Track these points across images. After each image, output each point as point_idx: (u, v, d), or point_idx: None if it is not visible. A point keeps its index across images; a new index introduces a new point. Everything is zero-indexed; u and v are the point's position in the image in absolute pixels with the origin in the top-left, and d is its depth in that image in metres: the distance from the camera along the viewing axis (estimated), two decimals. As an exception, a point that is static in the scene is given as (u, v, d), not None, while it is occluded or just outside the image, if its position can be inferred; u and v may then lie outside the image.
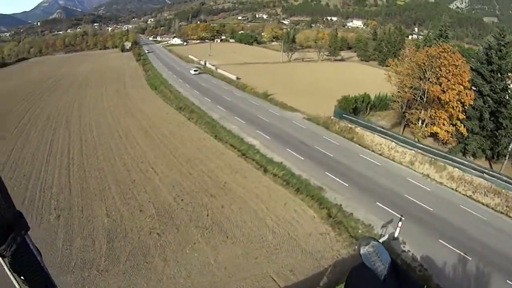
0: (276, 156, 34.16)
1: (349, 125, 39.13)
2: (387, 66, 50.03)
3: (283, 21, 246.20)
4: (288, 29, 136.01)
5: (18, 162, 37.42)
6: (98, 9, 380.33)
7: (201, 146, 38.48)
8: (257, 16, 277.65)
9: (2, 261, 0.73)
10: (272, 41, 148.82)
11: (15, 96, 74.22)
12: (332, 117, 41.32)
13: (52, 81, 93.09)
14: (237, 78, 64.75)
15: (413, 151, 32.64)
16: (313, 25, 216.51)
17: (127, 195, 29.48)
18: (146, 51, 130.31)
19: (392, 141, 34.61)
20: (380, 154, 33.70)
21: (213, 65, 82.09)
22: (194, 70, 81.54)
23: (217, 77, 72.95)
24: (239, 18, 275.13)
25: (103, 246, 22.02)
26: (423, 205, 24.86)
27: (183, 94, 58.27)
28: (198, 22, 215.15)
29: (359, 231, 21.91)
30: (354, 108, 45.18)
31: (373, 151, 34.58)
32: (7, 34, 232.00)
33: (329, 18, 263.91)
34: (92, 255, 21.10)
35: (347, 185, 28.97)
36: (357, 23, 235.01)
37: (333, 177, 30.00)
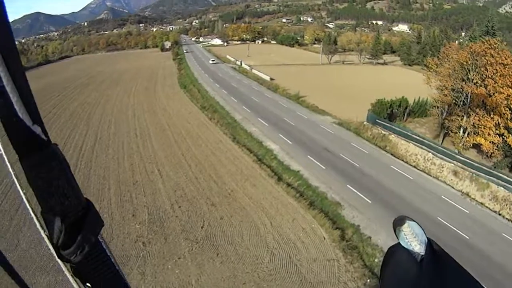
0: (295, 163, 31.81)
1: (383, 132, 36.47)
2: (426, 66, 46.26)
3: (327, 24, 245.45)
4: (332, 32, 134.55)
5: None
6: (144, 11, 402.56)
7: (216, 149, 37.08)
8: (301, 19, 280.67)
9: (62, 265, 0.62)
10: (314, 43, 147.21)
11: (49, 92, 78.53)
12: (364, 122, 39.06)
13: (87, 78, 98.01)
14: (271, 79, 64.83)
15: (452, 164, 29.45)
16: (357, 28, 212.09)
17: (124, 197, 28.55)
18: (185, 51, 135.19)
19: (429, 152, 31.52)
20: (414, 166, 30.99)
21: (248, 66, 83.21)
22: (212, 61, 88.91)
23: (250, 78, 73.11)
24: (284, 20, 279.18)
25: (80, 252, 20.72)
26: (458, 231, 21.85)
27: (210, 94, 58.71)
28: (242, 24, 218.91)
29: (376, 259, 18.45)
30: (389, 114, 42.03)
31: (406, 162, 31.86)
32: (55, 33, 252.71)
33: (374, 22, 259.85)
34: (66, 262, 19.87)
35: (370, 202, 25.48)
36: (402, 27, 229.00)
37: (355, 191, 26.64)
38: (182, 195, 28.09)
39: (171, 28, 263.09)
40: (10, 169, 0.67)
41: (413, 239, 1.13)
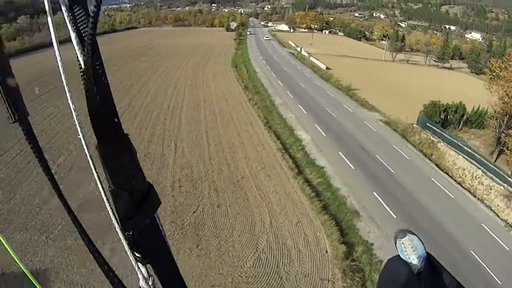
0: (322, 158, 28.97)
1: (432, 138, 33.01)
2: (489, 69, 41.07)
3: (399, 23, 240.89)
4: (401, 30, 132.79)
5: (60, 118, 39.59)
6: None
7: (243, 131, 35.07)
8: (374, 15, 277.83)
9: (122, 238, 0.75)
10: (382, 39, 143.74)
11: (105, 60, 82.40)
12: (414, 125, 35.91)
13: (144, 49, 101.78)
14: (327, 68, 64.72)
15: (502, 188, 24.99)
16: (429, 31, 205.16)
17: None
18: (248, 33, 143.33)
19: (479, 169, 27.25)
20: (459, 183, 27.23)
21: (308, 53, 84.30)
22: (266, 37, 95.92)
23: (306, 64, 72.69)
24: (356, 15, 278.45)
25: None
26: (490, 271, 17.85)
27: (258, 75, 59.29)
28: (311, 12, 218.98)
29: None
30: (443, 119, 38.07)
31: (451, 176, 28.18)
32: (128, 5, 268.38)
33: (447, 26, 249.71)
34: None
35: (395, 216, 21.41)
36: (475, 35, 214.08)
37: (381, 201, 22.64)
38: (188, 174, 26.39)
39: (242, 11, 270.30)
40: (86, 150, 0.79)
41: (412, 253, 1.19)
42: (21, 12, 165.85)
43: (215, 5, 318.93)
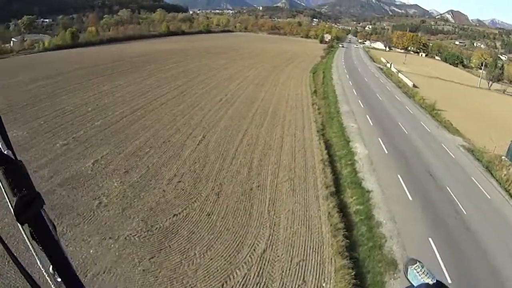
0: (372, 179, 22.80)
1: None
2: None
3: (500, 56, 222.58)
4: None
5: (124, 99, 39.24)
6: (321, 7, 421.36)
7: (289, 135, 30.36)
8: (475, 44, 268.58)
9: (23, 231, 0.93)
10: (480, 68, 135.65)
11: (182, 54, 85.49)
12: (503, 157, 30.66)
13: (229, 49, 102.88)
14: (414, 86, 63.34)
15: None
16: None
17: (139, 151, 24.85)
18: (341, 46, 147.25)
19: None
20: None
21: (397, 70, 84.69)
22: (355, 46, 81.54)
23: (392, 80, 70.16)
24: (456, 43, 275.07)
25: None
26: None
27: (333, 82, 58.83)
28: (408, 32, 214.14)
29: None
30: None
31: None
32: (230, 11, 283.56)
33: None
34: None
35: (450, 281, 13.75)
36: None
37: (437, 254, 15.23)
38: (196, 170, 22.30)
39: (341, 27, 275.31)
40: None
41: (425, 276, 1.38)
42: (124, 6, 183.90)
43: (316, 20, 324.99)
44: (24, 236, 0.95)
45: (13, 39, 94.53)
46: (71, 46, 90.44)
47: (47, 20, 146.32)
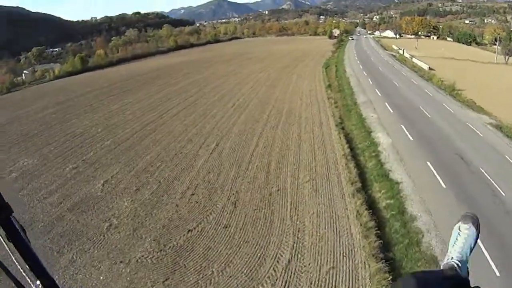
0: (400, 170, 20.95)
1: None
2: None
3: None
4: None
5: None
6: (326, 4, 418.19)
7: (307, 132, 29.01)
8: (485, 21, 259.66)
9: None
10: (494, 44, 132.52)
11: (191, 65, 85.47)
12: None
13: (237, 55, 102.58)
14: (429, 69, 60.74)
15: None
16: None
17: (151, 167, 23.86)
18: (350, 39, 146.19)
19: None
20: None
21: (410, 55, 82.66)
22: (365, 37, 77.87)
23: (406, 65, 67.57)
24: (466, 22, 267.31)
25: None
26: None
27: (346, 74, 57.30)
28: (417, 16, 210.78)
29: None
30: None
31: None
32: (237, 19, 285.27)
33: None
34: None
35: (498, 274, 11.79)
36: None
37: (482, 246, 12.96)
38: (210, 180, 21.11)
39: (349, 21, 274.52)
40: None
41: (458, 244, 1.36)
42: (131, 26, 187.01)
43: (323, 17, 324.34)
44: (1, 239, 1.08)
45: (24, 71, 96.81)
46: (81, 71, 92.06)
47: (56, 49, 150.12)
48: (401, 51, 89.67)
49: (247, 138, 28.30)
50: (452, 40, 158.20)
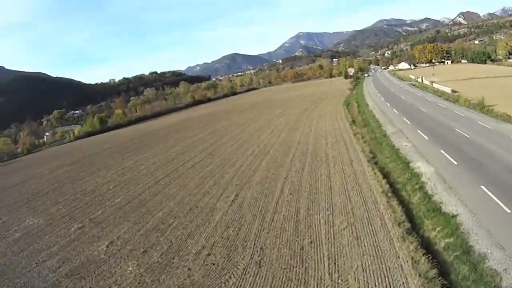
0: (452, 200, 17.72)
1: None
2: None
3: None
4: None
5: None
6: (337, 46, 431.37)
7: (337, 172, 26.26)
8: (494, 38, 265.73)
9: None
10: (509, 57, 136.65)
11: (210, 117, 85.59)
12: None
13: (255, 104, 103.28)
14: (452, 91, 60.19)
15: None
16: None
17: (158, 231, 21.06)
18: (366, 75, 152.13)
19: None
20: None
21: (430, 81, 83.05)
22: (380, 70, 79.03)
23: (429, 91, 66.96)
24: (476, 42, 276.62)
25: None
26: None
27: (369, 107, 56.49)
28: (428, 44, 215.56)
29: None
30: None
31: None
32: (252, 71, 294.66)
33: None
34: None
35: None
36: None
37: None
38: (229, 236, 18.43)
39: (361, 60, 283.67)
40: None
41: None
42: (148, 85, 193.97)
43: (336, 59, 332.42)
44: None
45: (46, 133, 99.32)
46: (100, 132, 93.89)
47: (77, 111, 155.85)
48: (419, 79, 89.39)
49: (270, 186, 25.59)
50: (466, 61, 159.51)
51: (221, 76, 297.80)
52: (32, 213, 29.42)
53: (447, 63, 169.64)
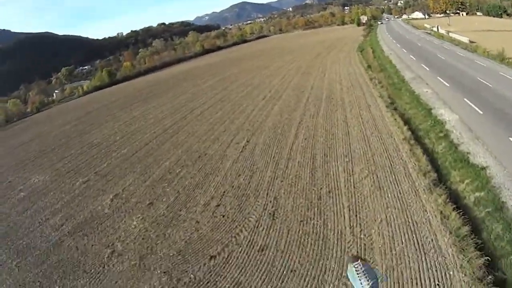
0: (480, 151, 15.64)
1: None
2: None
3: None
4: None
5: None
6: None
7: (354, 117, 24.23)
8: None
9: None
10: None
11: (217, 65, 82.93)
12: None
13: (264, 51, 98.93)
14: (470, 42, 55.82)
15: None
16: None
17: (165, 181, 19.69)
18: (379, 23, 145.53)
19: None
20: None
21: (446, 31, 78.62)
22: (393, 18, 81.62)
23: (445, 40, 62.24)
24: None
25: None
26: None
27: (385, 53, 52.77)
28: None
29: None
30: None
31: None
32: (262, 19, 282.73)
33: None
34: None
35: None
36: None
37: None
38: (240, 185, 16.97)
39: (374, 8, 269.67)
40: None
41: (363, 276, 1.37)
42: (157, 37, 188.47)
43: (348, 7, 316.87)
44: None
45: (55, 91, 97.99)
46: (109, 85, 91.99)
47: (86, 67, 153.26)
48: (435, 29, 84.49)
49: (283, 131, 23.73)
50: (481, 14, 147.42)
51: (231, 25, 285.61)
52: (38, 171, 28.55)
53: (462, 14, 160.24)
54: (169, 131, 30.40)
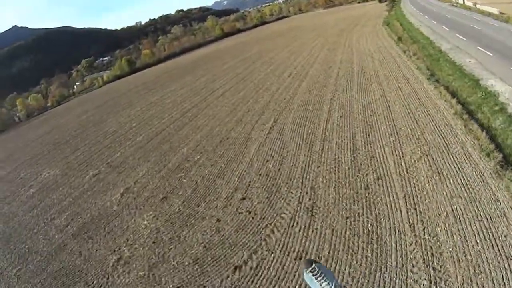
0: None
1: None
2: None
3: None
4: None
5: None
6: None
7: (393, 90, 21.19)
8: None
9: None
10: None
11: (243, 45, 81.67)
12: None
13: (287, 31, 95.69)
14: (500, 13, 51.21)
15: None
16: None
17: (182, 170, 17.22)
18: None
19: None
20: None
21: (473, 3, 71.46)
22: None
23: (473, 11, 57.14)
24: None
25: None
26: None
27: (415, 26, 50.22)
28: None
29: None
30: None
31: None
32: (281, 0, 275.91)
33: None
34: None
35: None
36: None
37: None
38: (268, 173, 14.43)
39: None
40: None
41: (322, 279, 1.27)
42: (175, 24, 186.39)
43: None
44: None
45: (76, 83, 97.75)
46: (129, 73, 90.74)
47: (106, 58, 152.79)
48: (460, 1, 79.33)
49: (314, 108, 20.81)
50: None
51: (250, 8, 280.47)
52: (50, 164, 27.05)
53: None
54: (187, 114, 28.02)
